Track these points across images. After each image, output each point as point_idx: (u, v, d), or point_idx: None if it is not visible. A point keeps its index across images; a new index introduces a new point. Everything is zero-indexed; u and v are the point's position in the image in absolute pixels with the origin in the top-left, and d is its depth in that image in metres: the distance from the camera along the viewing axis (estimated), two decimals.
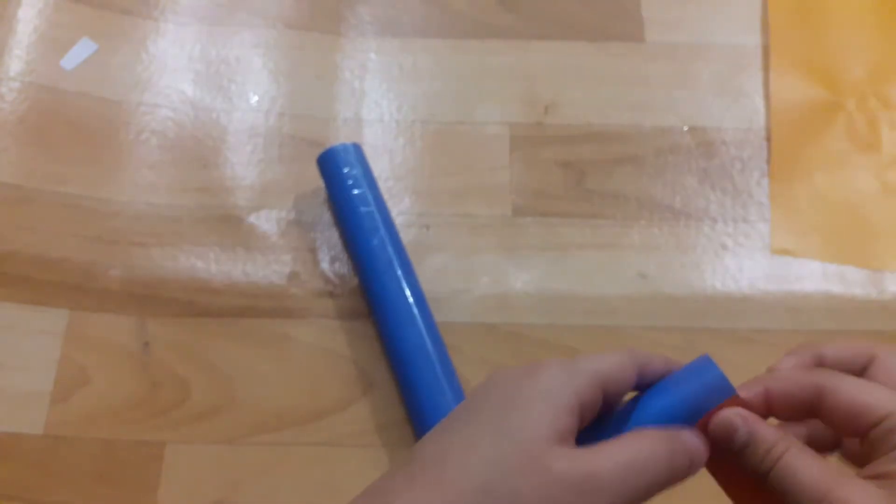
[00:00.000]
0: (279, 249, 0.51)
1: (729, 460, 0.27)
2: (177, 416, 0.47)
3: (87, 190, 0.52)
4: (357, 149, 0.50)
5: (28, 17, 0.57)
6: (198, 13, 0.58)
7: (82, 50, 0.56)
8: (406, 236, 0.51)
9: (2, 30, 0.56)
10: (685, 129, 0.55)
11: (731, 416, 0.27)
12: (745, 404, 0.28)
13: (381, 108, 0.56)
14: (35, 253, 0.50)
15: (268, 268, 0.51)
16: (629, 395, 0.30)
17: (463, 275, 0.51)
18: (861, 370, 0.28)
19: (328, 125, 0.55)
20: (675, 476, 0.26)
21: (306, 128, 0.55)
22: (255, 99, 0.56)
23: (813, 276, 0.51)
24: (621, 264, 0.51)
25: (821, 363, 0.29)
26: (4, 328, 0.48)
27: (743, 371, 0.49)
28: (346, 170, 0.49)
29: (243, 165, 0.54)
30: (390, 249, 0.47)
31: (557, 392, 0.26)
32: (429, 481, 0.26)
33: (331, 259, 0.51)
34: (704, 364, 0.29)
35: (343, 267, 0.51)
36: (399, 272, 0.47)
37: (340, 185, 0.49)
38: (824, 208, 0.53)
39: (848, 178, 0.54)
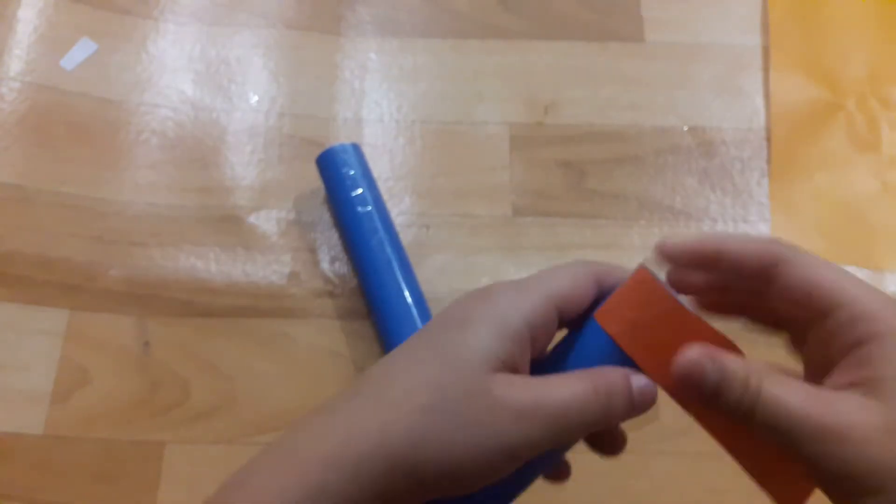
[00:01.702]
0: (279, 249, 0.51)
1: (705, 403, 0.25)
2: (177, 416, 0.47)
3: (87, 190, 0.52)
4: (356, 149, 0.50)
5: (28, 17, 0.57)
6: (198, 13, 0.58)
7: (82, 50, 0.56)
8: (406, 236, 0.51)
9: (2, 30, 0.56)
10: (685, 129, 0.55)
11: (695, 355, 0.25)
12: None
13: (381, 108, 0.56)
14: (35, 253, 0.50)
15: (268, 268, 0.51)
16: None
17: (463, 275, 0.51)
18: (766, 272, 0.26)
19: (328, 125, 0.55)
20: (613, 418, 0.26)
21: (306, 128, 0.55)
22: (255, 99, 0.56)
23: None
24: (621, 264, 0.51)
25: (719, 257, 0.27)
26: (4, 328, 0.48)
27: None
28: (345, 170, 0.49)
29: (243, 165, 0.54)
30: (389, 250, 0.47)
31: (504, 318, 0.26)
32: (371, 399, 0.26)
33: (331, 259, 0.51)
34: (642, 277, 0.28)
35: (343, 267, 0.51)
36: (398, 272, 0.47)
37: (339, 185, 0.49)
38: (824, 208, 0.53)
39: (848, 178, 0.54)
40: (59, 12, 0.57)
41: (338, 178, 0.49)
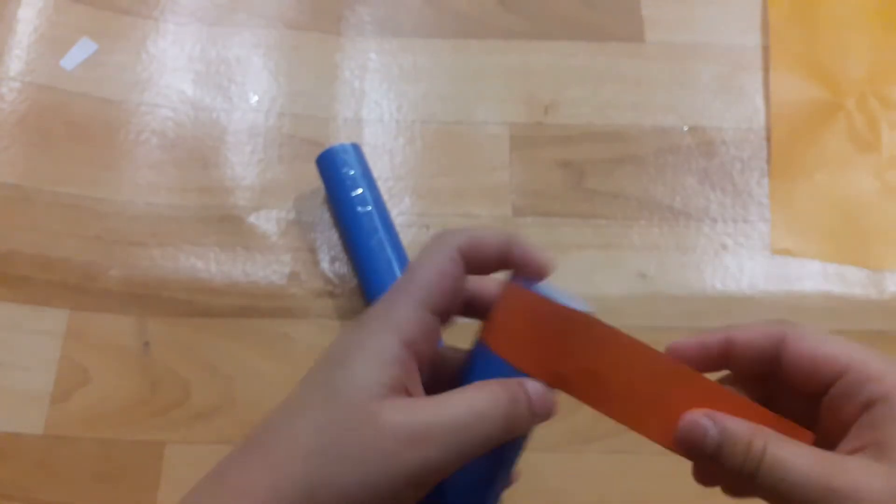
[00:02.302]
0: (279, 249, 0.51)
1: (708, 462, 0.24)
2: (177, 416, 0.47)
3: (87, 190, 0.52)
4: (356, 149, 0.50)
5: (28, 17, 0.57)
6: (198, 13, 0.58)
7: (82, 50, 0.56)
8: (406, 236, 0.51)
9: (2, 30, 0.56)
10: (685, 129, 0.55)
11: (697, 416, 0.24)
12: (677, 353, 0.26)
13: (381, 108, 0.56)
14: (35, 253, 0.50)
15: (268, 268, 0.51)
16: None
17: None
18: (775, 351, 0.26)
19: (328, 125, 0.55)
20: (516, 427, 0.25)
21: (306, 128, 0.55)
22: (255, 99, 0.56)
23: (813, 276, 0.51)
24: (621, 264, 0.51)
25: (730, 347, 0.27)
26: (4, 328, 0.48)
27: None
28: (344, 170, 0.49)
29: (243, 165, 0.54)
30: (389, 250, 0.47)
31: (378, 343, 0.25)
32: (258, 453, 0.25)
33: (331, 259, 0.51)
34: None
35: (343, 267, 0.51)
36: (398, 273, 0.47)
37: (339, 185, 0.49)
38: (824, 208, 0.53)
39: (848, 178, 0.54)
40: (59, 12, 0.57)
41: (338, 178, 0.49)
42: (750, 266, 0.52)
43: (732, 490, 0.27)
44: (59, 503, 0.45)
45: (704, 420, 0.24)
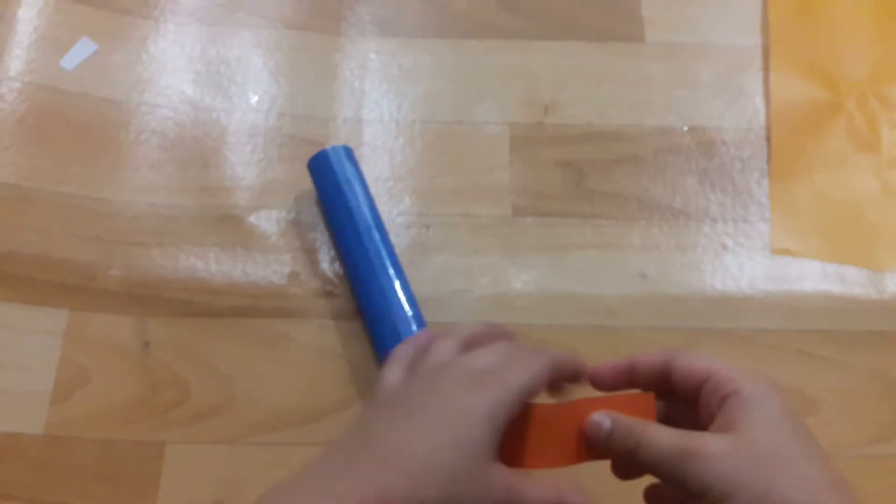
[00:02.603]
0: (279, 249, 0.51)
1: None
2: (177, 416, 0.47)
3: (87, 190, 0.52)
4: (347, 151, 0.50)
5: (28, 17, 0.57)
6: (198, 13, 0.58)
7: (82, 50, 0.56)
8: (406, 236, 0.51)
9: (2, 30, 0.56)
10: (685, 129, 0.55)
11: (596, 416, 0.33)
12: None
13: (381, 108, 0.56)
14: (35, 253, 0.50)
15: (268, 268, 0.51)
16: None
17: (463, 275, 0.51)
18: (666, 368, 0.34)
19: (328, 125, 0.55)
20: None
21: (306, 128, 0.55)
22: (255, 99, 0.56)
23: (813, 276, 0.51)
24: (621, 264, 0.51)
25: (634, 368, 0.35)
26: (4, 328, 0.48)
27: None
28: (332, 175, 0.49)
29: (243, 165, 0.54)
30: (373, 257, 0.47)
31: (496, 415, 0.32)
32: (397, 466, 0.31)
33: (330, 259, 0.51)
34: None
35: (342, 267, 0.51)
36: (383, 280, 0.47)
37: (325, 191, 0.49)
38: (824, 208, 0.53)
39: (848, 178, 0.54)
40: (59, 12, 0.57)
41: (326, 182, 0.49)
42: (750, 266, 0.52)
43: (626, 472, 0.36)
44: (59, 503, 0.45)
45: (600, 416, 0.33)
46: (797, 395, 0.48)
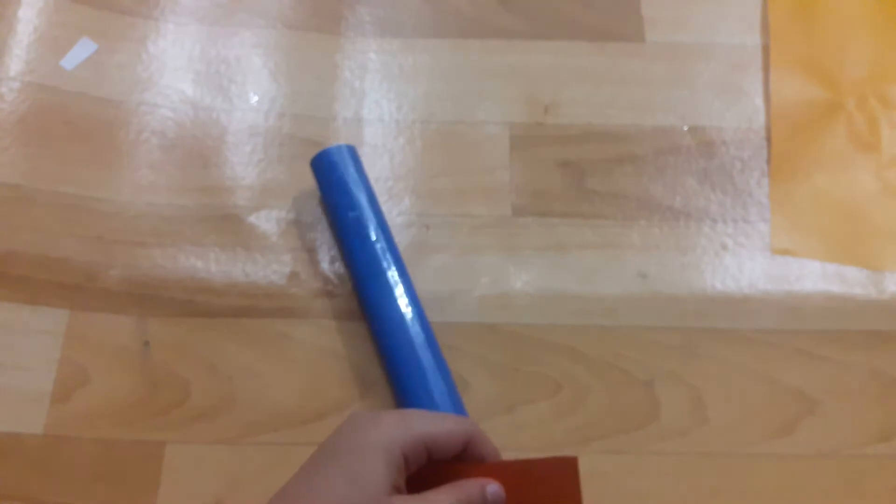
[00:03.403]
0: (279, 249, 0.51)
1: None
2: (177, 416, 0.47)
3: (87, 190, 0.52)
4: (350, 151, 0.50)
5: (28, 17, 0.57)
6: (198, 13, 0.58)
7: (82, 50, 0.56)
8: (406, 236, 0.51)
9: (2, 30, 0.56)
10: (685, 129, 0.56)
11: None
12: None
13: (381, 108, 0.56)
14: (35, 253, 0.50)
15: (268, 268, 0.51)
16: None
17: (463, 275, 0.51)
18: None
19: (328, 125, 0.55)
20: None
21: (306, 128, 0.55)
22: (255, 99, 0.56)
23: (813, 276, 0.51)
24: (621, 264, 0.51)
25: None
26: (4, 328, 0.48)
27: (743, 371, 0.50)
28: (337, 173, 0.49)
29: (243, 165, 0.54)
30: (379, 256, 0.47)
31: (390, 450, 0.34)
32: None
33: (331, 259, 0.51)
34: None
35: (343, 267, 0.51)
36: (388, 279, 0.47)
37: (330, 189, 0.49)
38: (824, 208, 0.53)
39: (848, 178, 0.54)
40: (59, 12, 0.57)
41: (330, 181, 0.49)
42: (750, 266, 0.52)
43: None
44: (59, 503, 0.45)
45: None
46: (797, 395, 0.48)
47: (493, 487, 0.35)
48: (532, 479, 0.35)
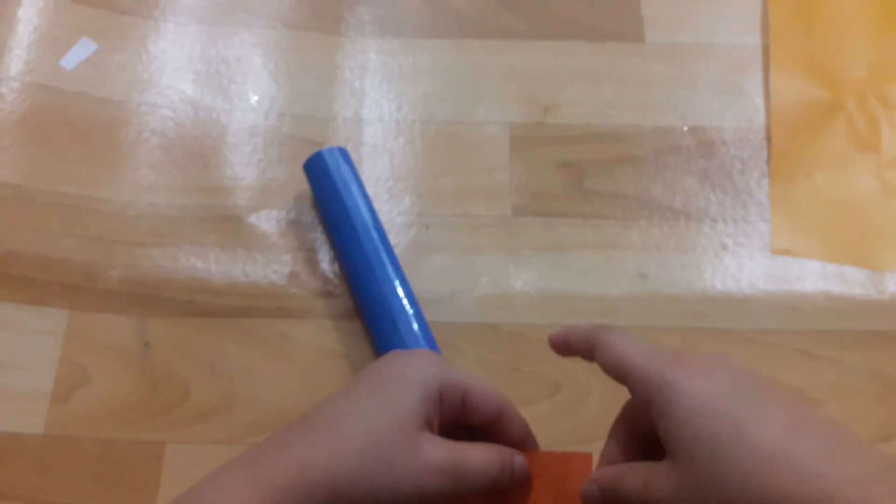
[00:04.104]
0: (279, 249, 0.51)
1: None
2: (177, 416, 0.47)
3: (87, 190, 0.52)
4: (342, 153, 0.50)
5: (28, 17, 0.57)
6: (197, 13, 0.58)
7: (82, 50, 0.56)
8: (406, 236, 0.51)
9: (2, 30, 0.56)
10: (685, 129, 0.55)
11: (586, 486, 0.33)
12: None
13: (381, 108, 0.56)
14: (35, 253, 0.50)
15: (268, 268, 0.51)
16: None
17: (463, 275, 0.51)
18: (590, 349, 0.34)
19: (328, 125, 0.55)
20: (499, 483, 0.33)
21: (306, 128, 0.55)
22: (255, 99, 0.56)
23: (813, 276, 0.51)
24: (621, 264, 0.51)
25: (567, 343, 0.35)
26: (4, 328, 0.48)
27: None
28: (327, 177, 0.49)
29: (243, 165, 0.54)
30: (372, 257, 0.47)
31: (427, 384, 0.32)
32: (320, 439, 0.31)
33: (330, 259, 0.51)
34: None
35: (341, 267, 0.51)
36: (382, 279, 0.47)
37: (323, 191, 0.49)
38: (824, 208, 0.53)
39: (848, 178, 0.54)
40: (59, 12, 0.57)
41: (322, 183, 0.49)
42: (750, 266, 0.52)
43: None
44: (59, 503, 0.45)
45: (589, 487, 0.33)
46: (797, 395, 0.48)
47: (521, 459, 0.34)
48: (548, 471, 0.35)
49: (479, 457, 0.32)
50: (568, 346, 0.34)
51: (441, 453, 0.31)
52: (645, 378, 0.30)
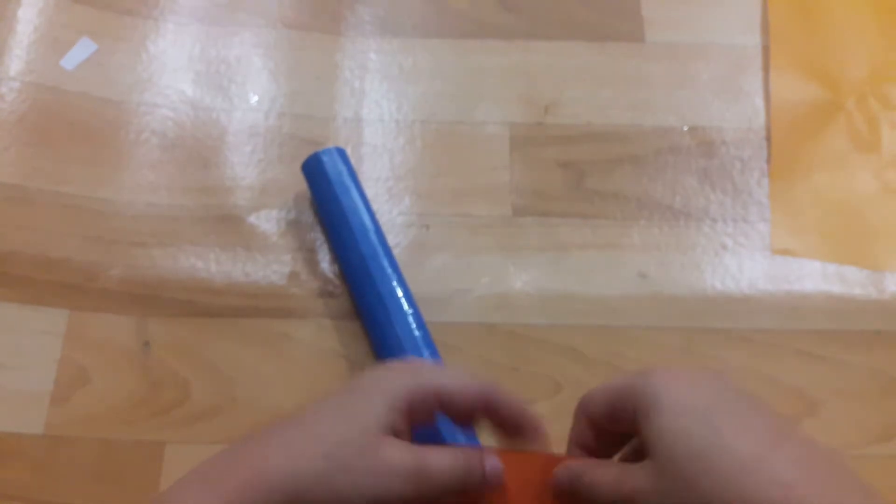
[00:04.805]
0: (279, 249, 0.51)
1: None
2: (177, 416, 0.47)
3: (87, 190, 0.52)
4: (340, 153, 0.50)
5: (28, 17, 0.57)
6: (198, 13, 0.58)
7: (82, 50, 0.56)
8: (406, 236, 0.51)
9: (2, 30, 0.56)
10: (685, 129, 0.55)
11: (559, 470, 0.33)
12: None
13: (381, 108, 0.56)
14: (35, 253, 0.50)
15: (268, 268, 0.51)
16: None
17: (463, 275, 0.51)
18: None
19: (328, 125, 0.55)
20: (469, 486, 0.33)
21: (306, 128, 0.55)
22: (255, 99, 0.56)
23: (813, 276, 0.51)
24: (621, 264, 0.51)
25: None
26: (4, 328, 0.48)
27: (743, 371, 0.50)
28: (325, 178, 0.49)
29: (243, 165, 0.54)
30: (369, 257, 0.47)
31: (393, 393, 0.32)
32: (286, 442, 0.32)
33: (330, 259, 0.51)
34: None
35: (340, 268, 0.51)
36: (380, 279, 0.47)
37: (320, 192, 0.49)
38: (824, 208, 0.53)
39: (848, 178, 0.54)
40: (59, 12, 0.57)
41: (320, 184, 0.49)
42: (750, 266, 0.52)
43: None
44: (59, 503, 0.45)
45: (562, 469, 0.33)
46: (797, 395, 0.48)
47: (493, 462, 0.33)
48: (527, 473, 0.34)
49: (442, 460, 0.32)
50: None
51: (403, 457, 0.32)
52: (631, 382, 0.31)
